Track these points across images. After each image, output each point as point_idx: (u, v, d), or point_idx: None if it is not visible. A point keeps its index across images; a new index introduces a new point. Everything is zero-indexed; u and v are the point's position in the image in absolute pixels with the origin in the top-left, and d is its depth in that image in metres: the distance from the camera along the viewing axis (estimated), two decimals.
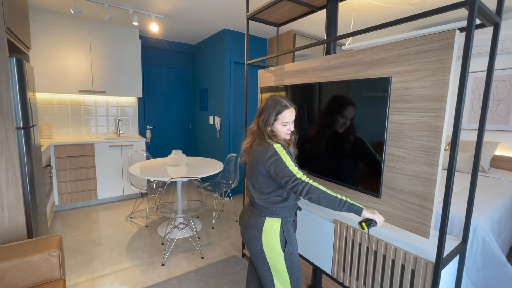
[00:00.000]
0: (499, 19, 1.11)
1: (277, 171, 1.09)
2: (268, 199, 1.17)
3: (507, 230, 2.06)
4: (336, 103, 1.44)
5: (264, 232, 1.15)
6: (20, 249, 1.33)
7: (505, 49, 2.75)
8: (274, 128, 1.18)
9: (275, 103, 1.18)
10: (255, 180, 1.18)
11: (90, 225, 2.88)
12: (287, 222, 1.18)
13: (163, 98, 4.54)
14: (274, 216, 1.17)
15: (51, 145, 3.03)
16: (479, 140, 1.19)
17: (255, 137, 1.20)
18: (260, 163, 1.13)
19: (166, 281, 1.98)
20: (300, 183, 1.05)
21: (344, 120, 1.40)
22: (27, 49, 2.11)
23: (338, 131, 1.43)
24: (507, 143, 2.87)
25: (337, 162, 1.46)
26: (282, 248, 1.15)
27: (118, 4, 2.82)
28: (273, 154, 1.10)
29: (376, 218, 1.08)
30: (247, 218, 1.23)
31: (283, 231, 1.16)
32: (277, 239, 1.15)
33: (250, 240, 1.20)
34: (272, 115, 1.16)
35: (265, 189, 1.17)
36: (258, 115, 1.21)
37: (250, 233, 1.19)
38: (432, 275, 1.07)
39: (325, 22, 1.70)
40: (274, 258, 1.16)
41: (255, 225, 1.18)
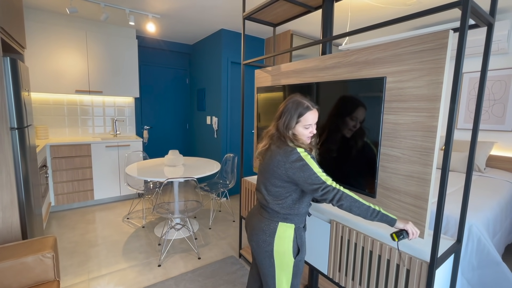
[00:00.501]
0: (493, 19, 1.11)
1: (304, 178, 1.04)
2: (284, 204, 1.12)
3: (502, 229, 2.07)
4: (330, 102, 1.44)
5: (277, 237, 1.12)
6: (13, 251, 1.32)
7: (500, 49, 2.77)
8: (295, 131, 1.12)
9: (297, 105, 1.11)
10: (270, 184, 1.13)
11: (86, 226, 2.86)
12: (299, 229, 1.16)
13: (160, 98, 4.53)
14: (287, 222, 1.13)
15: (47, 146, 3.01)
16: (473, 139, 1.20)
17: (274, 140, 1.14)
18: (281, 167, 1.07)
19: (163, 281, 1.97)
20: (331, 190, 1.01)
21: (339, 120, 1.40)
22: (22, 48, 2.09)
23: (332, 131, 1.43)
24: (503, 143, 2.89)
25: (333, 162, 1.46)
26: (294, 255, 1.13)
27: (114, 3, 2.81)
28: (297, 159, 1.04)
29: (408, 229, 1.03)
30: (257, 222, 1.18)
31: (297, 237, 1.14)
32: (289, 245, 1.12)
33: (259, 245, 1.15)
34: (294, 117, 1.10)
35: (281, 194, 1.11)
36: (277, 117, 1.14)
37: (260, 237, 1.15)
38: (427, 275, 1.07)
39: (321, 22, 1.70)
40: (283, 264, 1.13)
41: (267, 230, 1.13)
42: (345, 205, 1.02)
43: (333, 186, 1.03)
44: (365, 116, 1.27)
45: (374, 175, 1.25)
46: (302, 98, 1.14)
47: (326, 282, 1.95)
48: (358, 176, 1.33)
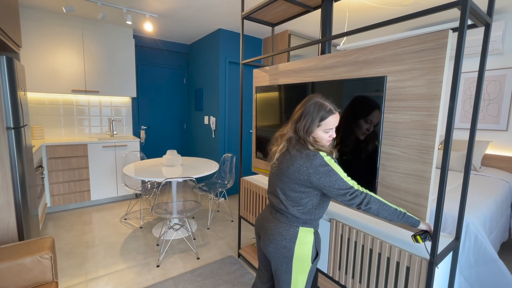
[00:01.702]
0: (490, 19, 1.13)
1: (331, 184, 1.00)
2: (304, 210, 1.08)
3: (498, 227, 2.10)
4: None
5: (298, 242, 1.08)
6: (10, 252, 1.30)
7: (495, 50, 2.81)
8: (314, 135, 1.07)
9: (319, 107, 1.05)
10: (289, 189, 1.08)
11: (83, 227, 2.83)
12: (317, 232, 1.15)
13: (158, 98, 4.50)
14: (307, 226, 1.10)
15: (42, 146, 2.97)
16: (471, 139, 1.21)
17: (292, 144, 1.08)
18: (303, 173, 1.02)
19: (162, 282, 1.96)
20: (359, 195, 1.00)
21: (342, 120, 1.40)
22: (17, 47, 2.07)
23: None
24: (498, 142, 2.93)
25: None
26: (312, 259, 1.11)
27: (111, 2, 2.79)
28: (321, 164, 1.01)
29: (431, 231, 1.04)
30: (274, 227, 1.13)
31: (316, 242, 1.12)
32: (309, 250, 1.10)
33: (279, 250, 1.11)
34: (316, 121, 1.04)
35: (302, 199, 1.07)
36: (296, 119, 1.08)
37: (280, 243, 1.10)
38: (427, 272, 1.08)
39: (320, 22, 1.71)
40: (301, 269, 1.11)
41: (287, 235, 1.09)
42: (373, 208, 1.00)
43: (360, 191, 1.01)
44: (369, 115, 1.28)
45: (375, 173, 1.26)
46: (324, 99, 1.08)
47: (326, 281, 1.95)
48: (358, 174, 1.34)
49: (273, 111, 1.91)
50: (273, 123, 1.92)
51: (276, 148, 1.14)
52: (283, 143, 1.11)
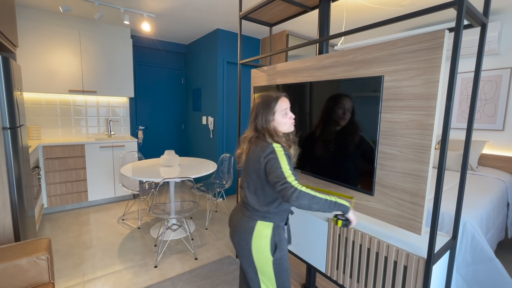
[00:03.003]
0: (486, 19, 1.14)
1: (270, 171, 1.06)
2: (263, 202, 1.13)
3: (495, 226, 2.11)
4: (328, 102, 1.45)
5: (255, 235, 1.13)
6: (6, 253, 1.29)
7: (491, 50, 2.83)
8: (276, 123, 1.14)
9: (266, 99, 1.16)
10: (251, 180, 1.15)
11: (80, 227, 2.82)
12: (278, 227, 1.16)
13: (156, 98, 4.49)
14: (266, 220, 1.14)
15: (39, 146, 2.95)
16: (468, 138, 1.22)
17: (252, 142, 1.15)
18: (258, 163, 1.10)
19: (159, 283, 1.95)
20: (289, 188, 1.00)
21: (336, 119, 1.41)
22: (14, 47, 2.05)
23: (331, 130, 1.44)
24: (494, 141, 2.95)
25: (331, 161, 1.47)
26: (271, 252, 1.14)
27: (109, 2, 2.78)
28: (270, 152, 1.07)
29: (354, 220, 1.11)
30: (238, 219, 1.20)
31: (274, 235, 1.14)
32: (267, 243, 1.13)
33: (239, 243, 1.17)
34: (269, 110, 1.13)
35: (260, 191, 1.13)
36: (253, 118, 1.16)
37: (240, 235, 1.17)
38: (424, 271, 1.09)
39: (318, 22, 1.71)
40: (263, 262, 1.14)
41: (246, 228, 1.15)
42: (304, 203, 1.00)
43: (292, 184, 1.01)
44: (362, 115, 1.28)
45: (373, 173, 1.26)
46: (267, 94, 1.19)
47: (324, 281, 1.96)
48: (356, 174, 1.34)
49: None
50: None
51: (241, 150, 1.22)
52: (246, 144, 1.18)
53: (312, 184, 1.65)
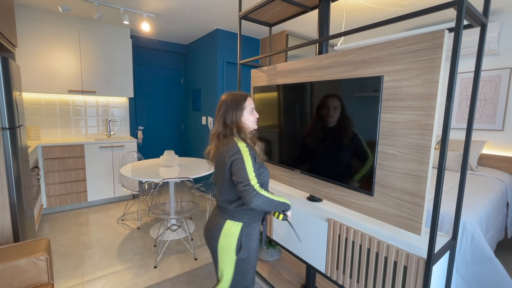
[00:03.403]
0: (486, 20, 1.14)
1: (235, 171, 1.09)
2: (231, 200, 1.17)
3: (494, 226, 2.11)
4: (327, 102, 1.45)
5: (222, 234, 1.17)
6: (5, 253, 1.29)
7: (491, 50, 2.83)
8: (244, 119, 1.20)
9: (235, 96, 1.21)
10: (219, 179, 1.18)
11: (79, 228, 2.81)
12: (248, 227, 1.18)
13: (155, 98, 4.48)
14: (235, 220, 1.17)
15: (38, 147, 2.95)
16: (468, 138, 1.22)
17: (219, 139, 1.20)
18: (223, 162, 1.13)
19: (159, 283, 1.95)
20: (251, 191, 1.06)
21: (336, 119, 1.41)
22: (13, 47, 2.05)
23: (330, 130, 1.44)
24: (494, 142, 2.95)
25: (331, 161, 1.47)
26: (236, 252, 1.16)
27: (108, 2, 2.77)
28: (236, 152, 1.10)
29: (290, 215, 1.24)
30: (212, 217, 1.26)
31: (242, 236, 1.16)
32: (233, 242, 1.16)
33: (208, 239, 1.23)
34: (239, 106, 1.19)
35: (227, 190, 1.16)
36: (222, 114, 1.20)
37: (209, 232, 1.22)
38: (424, 271, 1.09)
39: (318, 22, 1.71)
40: (226, 260, 1.18)
41: (215, 226, 1.19)
42: (261, 205, 1.08)
43: (254, 188, 1.07)
44: (361, 115, 1.28)
45: (372, 173, 1.26)
46: (233, 92, 1.24)
47: (324, 281, 1.96)
48: (355, 174, 1.34)
49: (271, 111, 1.91)
50: (271, 123, 1.92)
51: (210, 147, 1.25)
52: (214, 141, 1.22)
53: (312, 184, 1.65)
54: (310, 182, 1.67)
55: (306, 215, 1.61)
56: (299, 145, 1.68)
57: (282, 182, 1.92)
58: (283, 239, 1.79)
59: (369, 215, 1.33)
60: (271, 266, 2.13)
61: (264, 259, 2.20)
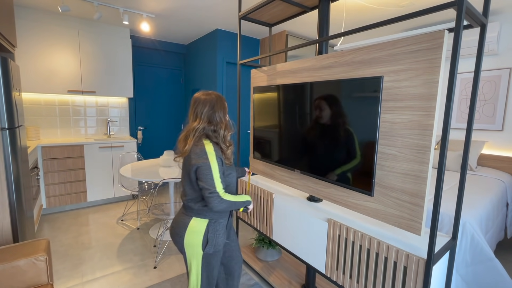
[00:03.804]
0: (486, 20, 1.14)
1: (201, 177, 1.13)
2: (196, 199, 1.20)
3: (494, 226, 2.11)
4: (326, 102, 1.45)
5: (188, 231, 1.20)
6: (5, 254, 1.28)
7: (490, 51, 2.83)
8: (228, 122, 1.26)
9: (219, 96, 1.26)
10: (186, 179, 1.21)
11: (79, 228, 2.81)
12: (215, 223, 1.22)
13: (155, 98, 4.48)
14: (201, 217, 1.21)
15: (38, 147, 2.95)
16: (468, 139, 1.22)
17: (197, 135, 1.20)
18: (190, 164, 1.17)
19: (159, 283, 1.94)
20: (215, 197, 1.12)
21: (336, 119, 1.41)
22: (12, 47, 2.05)
23: (330, 130, 1.44)
24: (493, 142, 2.96)
25: (330, 161, 1.46)
26: (202, 247, 1.20)
27: (108, 2, 2.77)
28: (203, 157, 1.14)
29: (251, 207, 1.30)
30: (177, 216, 1.29)
31: (208, 232, 1.20)
32: (200, 238, 1.19)
33: (174, 237, 1.25)
34: (224, 106, 1.25)
35: (193, 191, 1.20)
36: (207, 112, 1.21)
37: (175, 230, 1.24)
38: (424, 271, 1.09)
39: (317, 22, 1.71)
40: (192, 255, 1.22)
41: (181, 224, 1.22)
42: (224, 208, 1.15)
43: (218, 195, 1.13)
44: (361, 115, 1.28)
45: (372, 173, 1.26)
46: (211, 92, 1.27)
47: (323, 281, 1.95)
48: (355, 174, 1.34)
49: (271, 111, 1.91)
50: (271, 124, 1.92)
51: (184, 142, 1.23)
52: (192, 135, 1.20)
53: (312, 184, 1.65)
54: (310, 182, 1.67)
55: (306, 216, 1.61)
56: (299, 145, 1.68)
57: (282, 182, 1.92)
58: (283, 239, 1.79)
59: (369, 215, 1.33)
60: (271, 266, 2.13)
61: (264, 259, 2.20)
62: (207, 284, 1.26)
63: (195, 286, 1.25)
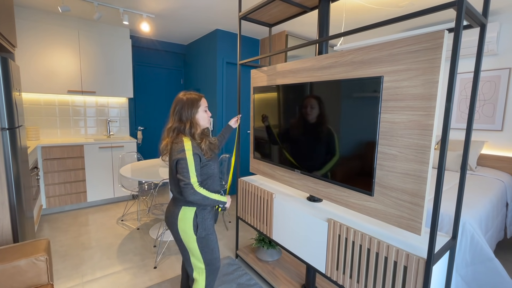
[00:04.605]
0: (486, 20, 1.14)
1: (179, 170, 1.25)
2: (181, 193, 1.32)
3: (494, 226, 2.11)
4: (325, 103, 1.45)
5: (179, 219, 1.33)
6: (5, 254, 1.28)
7: (490, 51, 2.84)
8: (198, 116, 1.35)
9: (191, 96, 1.36)
10: (172, 174, 1.35)
11: (79, 228, 2.81)
12: (202, 210, 1.35)
13: (155, 98, 4.48)
14: (189, 205, 1.33)
15: (38, 147, 2.94)
16: (467, 139, 1.22)
17: (173, 136, 1.32)
18: (171, 159, 1.31)
19: (159, 283, 1.94)
20: (189, 189, 1.24)
21: (335, 119, 1.41)
22: (12, 47, 2.04)
23: (330, 130, 1.44)
24: (493, 142, 2.96)
25: (331, 162, 1.47)
26: (194, 231, 1.33)
27: (108, 3, 2.77)
28: (181, 152, 1.25)
29: (228, 205, 1.42)
30: (168, 207, 1.42)
31: (197, 217, 1.34)
32: (190, 224, 1.33)
33: (169, 225, 1.38)
34: (195, 104, 1.34)
35: (177, 184, 1.32)
36: (179, 109, 1.33)
37: (169, 219, 1.38)
38: (424, 271, 1.09)
39: (317, 22, 1.71)
40: (188, 239, 1.34)
41: (173, 213, 1.36)
42: (197, 199, 1.26)
43: (192, 186, 1.24)
44: (362, 115, 1.28)
45: (372, 173, 1.26)
46: (188, 92, 1.38)
47: (324, 281, 1.96)
48: (356, 174, 1.34)
49: (271, 111, 1.91)
50: (271, 124, 1.92)
51: (165, 143, 1.36)
52: (170, 135, 1.34)
53: (312, 184, 1.65)
54: (310, 182, 1.67)
55: (306, 216, 1.61)
56: (298, 145, 1.68)
57: (282, 182, 1.92)
58: (283, 239, 1.79)
59: (369, 215, 1.33)
60: (271, 266, 2.13)
61: (264, 259, 2.20)
62: (210, 263, 1.39)
63: (200, 269, 1.39)
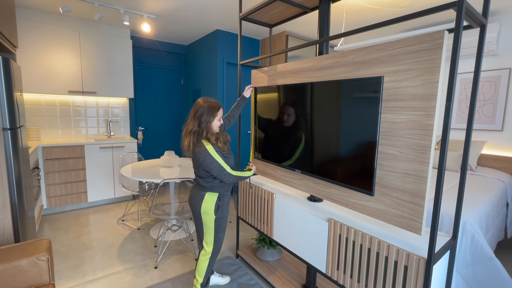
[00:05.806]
0: (486, 20, 1.15)
1: (211, 168, 1.51)
2: (207, 182, 1.60)
3: (494, 226, 2.12)
4: (327, 102, 1.45)
5: (204, 201, 1.60)
6: (6, 254, 1.29)
7: (490, 51, 2.84)
8: (212, 125, 1.56)
9: (212, 105, 1.56)
10: (197, 170, 1.60)
11: (80, 228, 2.81)
12: (223, 196, 1.64)
13: (155, 99, 4.49)
14: (212, 191, 1.61)
15: (39, 147, 2.95)
16: (467, 139, 1.22)
17: (194, 138, 1.53)
18: (197, 158, 1.53)
19: (159, 283, 1.95)
20: (228, 176, 1.53)
21: (335, 119, 1.41)
22: (14, 48, 2.05)
23: (331, 130, 1.45)
24: (493, 142, 2.96)
25: (330, 162, 1.47)
26: (215, 212, 1.61)
27: (108, 3, 2.78)
28: (207, 154, 1.49)
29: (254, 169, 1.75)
30: (194, 191, 1.66)
31: (219, 200, 1.62)
32: (212, 206, 1.60)
33: (192, 206, 1.65)
34: (213, 114, 1.54)
35: (204, 177, 1.58)
36: (199, 115, 1.52)
37: (193, 201, 1.64)
38: (424, 271, 1.09)
39: (318, 23, 1.72)
40: (208, 219, 1.62)
41: (198, 196, 1.62)
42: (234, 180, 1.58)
43: (229, 173, 1.54)
44: (362, 115, 1.29)
45: (372, 173, 1.26)
46: (209, 100, 1.58)
47: (324, 281, 1.96)
48: (356, 174, 1.35)
49: (271, 112, 1.91)
50: (272, 124, 1.92)
51: (187, 143, 1.55)
52: (190, 137, 1.54)
53: (313, 184, 1.66)
54: (310, 182, 1.67)
55: (306, 215, 1.61)
56: (299, 145, 1.68)
57: (282, 182, 1.92)
58: (284, 239, 1.79)
59: (370, 215, 1.33)
60: (271, 266, 2.14)
61: (265, 259, 2.21)
62: (217, 243, 1.66)
63: (210, 243, 1.65)
